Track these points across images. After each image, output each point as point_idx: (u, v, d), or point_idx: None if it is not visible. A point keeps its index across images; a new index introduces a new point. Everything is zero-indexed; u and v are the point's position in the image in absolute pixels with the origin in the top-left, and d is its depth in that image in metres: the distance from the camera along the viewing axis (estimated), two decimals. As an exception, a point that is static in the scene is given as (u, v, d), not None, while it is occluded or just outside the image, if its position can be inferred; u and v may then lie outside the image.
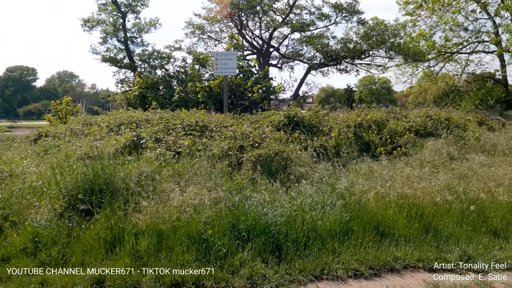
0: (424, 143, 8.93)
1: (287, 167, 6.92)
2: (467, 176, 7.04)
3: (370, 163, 7.61)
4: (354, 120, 9.42)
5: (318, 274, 4.20)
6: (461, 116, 12.71)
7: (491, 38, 24.19)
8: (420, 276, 4.31)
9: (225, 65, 11.49)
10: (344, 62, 25.24)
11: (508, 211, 5.76)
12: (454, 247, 4.83)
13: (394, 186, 6.29)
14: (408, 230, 5.12)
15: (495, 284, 4.10)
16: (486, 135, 10.28)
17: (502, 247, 4.99)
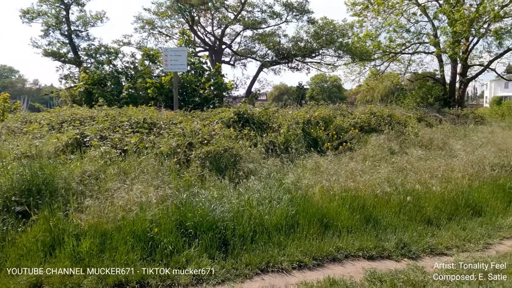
0: (367, 139, 9.37)
1: (236, 163, 6.97)
2: (406, 169, 7.49)
3: (317, 158, 7.85)
4: (303, 117, 9.68)
5: (264, 267, 4.29)
6: (403, 113, 13.48)
7: (430, 40, 25.71)
8: (360, 264, 4.54)
9: (175, 61, 11.31)
10: (295, 60, 25.76)
11: (441, 200, 6.21)
12: (392, 235, 5.14)
13: (338, 180, 6.55)
14: (350, 222, 5.36)
15: (426, 269, 4.41)
16: (424, 131, 10.99)
17: (434, 234, 5.39)
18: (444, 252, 4.92)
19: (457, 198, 6.37)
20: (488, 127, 15.56)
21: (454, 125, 14.72)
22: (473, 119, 17.30)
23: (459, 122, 16.14)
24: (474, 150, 9.19)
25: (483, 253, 4.89)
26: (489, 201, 6.58)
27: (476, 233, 5.44)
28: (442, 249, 4.97)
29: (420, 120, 13.38)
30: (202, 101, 14.94)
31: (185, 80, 15.32)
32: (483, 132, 13.23)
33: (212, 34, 25.50)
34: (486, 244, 5.19)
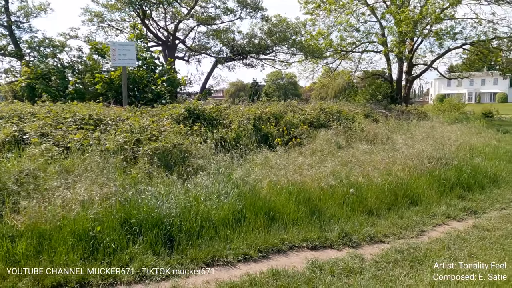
0: (316, 134, 9.66)
1: (185, 159, 6.94)
2: (351, 163, 7.82)
3: (267, 154, 7.99)
4: (254, 113, 9.79)
5: (209, 261, 4.33)
6: (351, 109, 14.01)
7: (378, 39, 26.89)
8: (303, 254, 4.70)
9: (124, 56, 10.98)
10: (249, 57, 25.89)
11: (381, 192, 6.55)
12: (335, 226, 5.36)
13: (286, 174, 6.71)
14: (296, 214, 5.52)
15: (365, 256, 4.65)
16: (370, 126, 11.49)
17: (375, 223, 5.69)
18: (382, 240, 5.21)
19: (396, 189, 6.75)
20: (430, 122, 16.54)
21: (398, 121, 15.52)
22: (416, 115, 18.32)
23: (403, 118, 17.03)
24: (415, 144, 9.75)
25: (417, 239, 5.23)
26: (426, 191, 7.03)
27: (412, 221, 5.80)
28: (380, 237, 5.26)
29: (367, 116, 13.97)
30: (155, 97, 14.61)
31: (136, 75, 14.91)
32: (424, 127, 14.06)
33: (165, 29, 24.97)
34: (421, 231, 5.56)
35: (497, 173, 8.53)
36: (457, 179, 7.59)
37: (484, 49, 25.00)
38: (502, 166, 9.10)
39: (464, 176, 7.71)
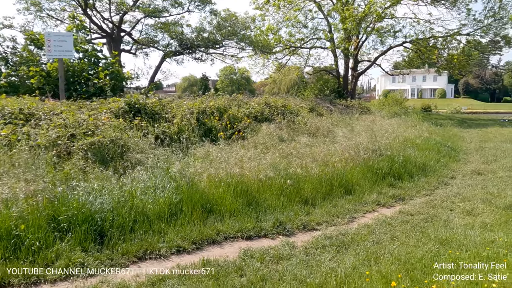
0: (260, 128, 9.81)
1: (123, 154, 6.78)
2: (291, 155, 8.04)
3: (210, 147, 8.00)
4: (198, 107, 9.74)
5: (141, 255, 4.30)
6: (296, 103, 14.35)
7: (325, 35, 27.67)
8: (238, 244, 4.80)
9: (60, 47, 10.44)
10: (199, 51, 25.63)
11: (318, 182, 6.82)
12: (270, 216, 5.52)
13: (226, 167, 6.77)
14: (234, 206, 5.62)
15: (297, 243, 4.84)
16: (313, 120, 11.86)
17: (309, 212, 5.92)
18: (315, 227, 5.44)
19: (332, 180, 7.05)
20: (371, 116, 17.35)
21: (342, 115, 16.15)
22: (359, 110, 19.13)
23: (347, 112, 17.73)
24: (354, 137, 10.21)
25: (347, 226, 5.52)
26: (360, 181, 7.41)
27: (345, 209, 6.11)
28: (314, 225, 5.50)
29: (312, 110, 14.40)
30: (98, 91, 14.06)
31: (76, 68, 14.24)
32: (365, 121, 14.74)
33: (109, 21, 24.03)
34: (352, 218, 5.87)
35: (426, 162, 9.18)
36: (389, 169, 8.07)
37: (422, 47, 26.58)
38: (430, 156, 9.80)
39: (396, 166, 8.22)
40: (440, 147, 11.18)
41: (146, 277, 3.82)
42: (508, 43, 24.42)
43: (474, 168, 9.25)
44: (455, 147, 12.19)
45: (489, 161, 10.02)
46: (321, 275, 3.74)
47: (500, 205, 6.18)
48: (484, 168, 9.21)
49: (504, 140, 14.03)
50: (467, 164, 9.96)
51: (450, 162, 9.94)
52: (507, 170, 8.81)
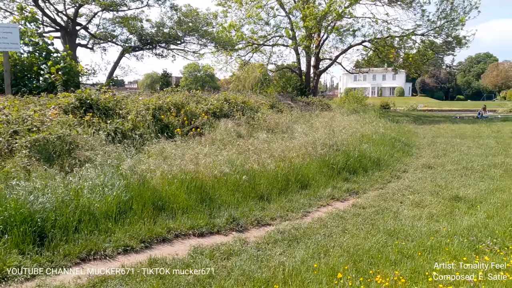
0: (219, 124, 9.70)
1: (71, 151, 6.47)
2: (248, 151, 7.99)
3: (166, 144, 7.81)
4: (155, 103, 9.49)
5: (85, 256, 4.10)
6: (257, 100, 14.35)
7: (287, 33, 27.89)
8: (189, 242, 4.69)
9: (4, 39, 9.80)
10: (159, 47, 25.06)
11: (274, 177, 6.82)
12: (224, 213, 5.44)
13: (181, 163, 6.62)
14: (187, 202, 5.50)
15: (249, 239, 4.81)
16: (273, 116, 11.90)
17: (264, 208, 5.90)
18: (269, 222, 5.43)
19: (289, 175, 7.08)
20: (331, 113, 17.68)
21: (302, 112, 16.34)
22: (320, 106, 19.45)
23: (307, 109, 17.96)
24: (312, 133, 10.33)
25: (301, 220, 5.55)
26: (316, 175, 7.50)
27: (299, 204, 6.14)
28: (268, 220, 5.48)
29: (273, 107, 14.45)
30: (49, 87, 13.37)
31: (26, 62, 13.49)
32: (324, 118, 14.98)
33: (64, 14, 22.95)
34: (306, 213, 5.92)
35: (380, 157, 9.44)
36: (345, 163, 8.23)
37: (380, 47, 27.40)
38: (385, 151, 10.09)
39: (351, 161, 8.38)
40: (394, 143, 11.55)
41: (87, 279, 3.64)
42: (459, 43, 25.67)
43: (425, 162, 9.62)
44: (409, 142, 12.65)
45: (439, 155, 10.46)
46: (269, 270, 3.71)
47: (446, 197, 6.44)
48: (434, 162, 9.60)
49: (454, 136, 14.73)
50: (419, 158, 10.35)
51: (403, 157, 10.28)
52: (455, 164, 9.22)
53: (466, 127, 18.12)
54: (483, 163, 9.19)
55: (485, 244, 4.32)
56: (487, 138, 13.62)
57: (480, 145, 12.12)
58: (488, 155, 10.22)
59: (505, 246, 4.27)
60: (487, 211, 5.60)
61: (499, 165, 8.90)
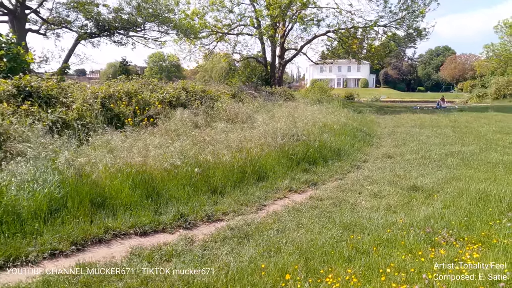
0: (174, 113, 9.19)
1: (2, 144, 5.81)
2: (204, 142, 7.57)
3: (114, 135, 7.24)
4: (104, 91, 8.83)
5: (2, 263, 3.57)
6: (218, 89, 13.87)
7: (251, 22, 27.37)
8: (129, 242, 4.25)
9: None
10: (118, 34, 23.86)
11: (229, 169, 6.46)
12: (172, 208, 5.03)
13: (128, 156, 6.12)
14: (131, 198, 5.04)
15: (198, 236, 4.43)
16: (233, 106, 11.49)
17: (217, 202, 5.53)
18: (220, 218, 5.07)
19: (245, 167, 6.74)
20: (295, 103, 17.49)
21: (266, 101, 16.03)
22: (284, 96, 19.22)
23: (271, 99, 17.67)
24: (273, 123, 10.03)
25: (255, 215, 5.22)
26: (274, 167, 7.20)
27: (255, 197, 5.82)
28: (219, 215, 5.12)
29: (234, 97, 14.03)
30: (-10, 74, 12.27)
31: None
32: (288, 108, 14.73)
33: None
34: (261, 206, 5.60)
35: (341, 147, 9.30)
36: (305, 154, 7.99)
37: (343, 37, 27.49)
38: (346, 141, 9.97)
39: (311, 151, 8.16)
40: (356, 132, 11.48)
41: (0, 291, 3.14)
42: (420, 35, 26.17)
43: (385, 151, 9.57)
44: (370, 132, 12.65)
45: (399, 145, 10.47)
46: (211, 273, 3.35)
47: (404, 187, 6.33)
48: (394, 151, 9.56)
49: (414, 125, 14.93)
50: (379, 148, 10.31)
51: (364, 147, 10.21)
52: (414, 153, 9.22)
53: (425, 117, 18.48)
54: (441, 152, 9.24)
55: (441, 235, 4.16)
56: (444, 128, 13.87)
57: (438, 134, 12.29)
58: (446, 144, 10.33)
59: (461, 237, 4.13)
60: (444, 200, 5.51)
61: (456, 154, 8.97)
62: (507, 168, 7.45)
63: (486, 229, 4.35)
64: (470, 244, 3.95)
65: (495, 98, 36.52)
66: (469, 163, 8.02)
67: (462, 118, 17.52)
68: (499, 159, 8.22)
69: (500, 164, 7.79)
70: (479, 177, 6.75)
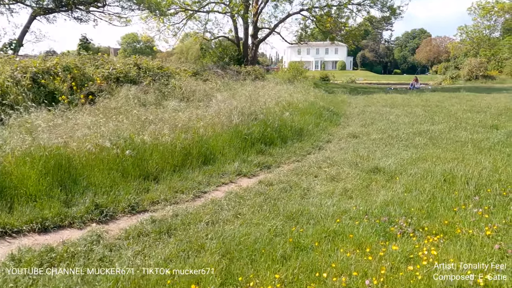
0: (120, 90, 8.26)
1: None
2: (147, 121, 6.72)
3: (43, 114, 6.29)
4: (37, 65, 7.79)
5: None
6: (179, 67, 12.92)
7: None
8: (18, 242, 3.44)
9: None
10: (77, 9, 22.24)
11: (170, 152, 5.68)
12: (87, 198, 4.22)
13: (50, 138, 5.22)
14: (38, 187, 4.20)
15: (110, 232, 3.67)
16: (189, 84, 10.60)
17: (149, 189, 4.77)
18: (147, 208, 4.32)
19: (191, 148, 5.98)
20: (265, 83, 16.71)
21: (234, 81, 15.18)
22: (253, 76, 18.37)
23: (240, 78, 16.82)
24: (232, 101, 9.23)
25: (190, 204, 4.50)
26: (225, 148, 6.47)
27: (195, 183, 5.08)
28: (146, 205, 4.37)
29: (196, 75, 13.11)
30: None
31: None
32: (255, 87, 13.95)
33: (-44, -35, 19.36)
34: (200, 193, 4.87)
35: (304, 127, 8.62)
36: (261, 134, 7.25)
37: (317, 15, 26.65)
38: (310, 120, 9.30)
39: (268, 131, 7.44)
40: (322, 112, 10.82)
41: None
42: (394, 13, 25.62)
43: (352, 131, 8.96)
44: (338, 111, 12.02)
45: (367, 124, 9.89)
46: (100, 286, 2.60)
47: (365, 169, 5.70)
48: (360, 131, 8.96)
49: (385, 105, 14.42)
50: (346, 127, 9.70)
51: (330, 126, 9.57)
52: (381, 132, 8.65)
53: (398, 97, 18.04)
54: (409, 131, 8.70)
55: (398, 225, 3.54)
56: (415, 107, 13.39)
57: (408, 113, 11.79)
58: (415, 123, 9.81)
59: (420, 227, 3.52)
60: (406, 183, 4.90)
61: (424, 133, 8.44)
62: (476, 147, 6.94)
63: (450, 216, 3.76)
64: (430, 235, 3.34)
65: (468, 79, 36.74)
66: (437, 142, 7.49)
67: (434, 98, 17.15)
68: (468, 138, 7.73)
69: (469, 143, 7.28)
70: (446, 157, 6.19)
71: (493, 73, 39.79)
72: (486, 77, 37.17)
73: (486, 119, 10.39)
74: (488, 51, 45.95)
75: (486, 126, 9.25)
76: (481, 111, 11.86)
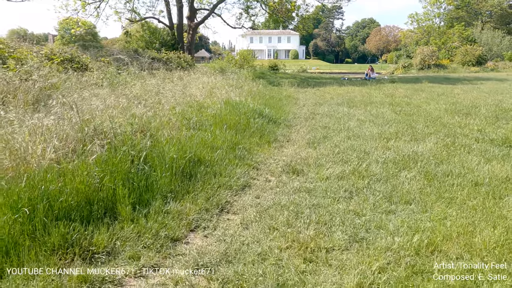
0: None
1: None
2: None
3: None
4: None
5: None
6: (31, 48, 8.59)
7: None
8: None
9: None
10: None
11: None
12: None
13: None
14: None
15: None
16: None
17: None
18: None
19: None
20: (190, 73, 12.80)
21: (144, 71, 11.10)
22: (177, 64, 14.30)
23: (155, 68, 12.73)
24: (82, 107, 5.22)
25: None
26: None
27: None
28: None
29: (71, 61, 8.85)
30: None
31: None
32: (167, 79, 10.02)
33: None
34: None
35: (204, 156, 4.77)
36: (81, 199, 3.33)
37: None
38: (223, 138, 5.49)
39: (104, 183, 3.51)
40: (251, 119, 7.02)
41: None
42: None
43: (292, 158, 5.28)
44: (277, 116, 8.27)
45: (317, 141, 6.25)
46: None
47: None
48: (306, 156, 5.30)
49: (341, 102, 10.93)
50: (283, 148, 6.00)
51: (256, 148, 5.79)
52: (340, 161, 5.02)
53: (355, 90, 14.77)
54: (384, 156, 5.18)
55: None
56: (381, 106, 10.01)
57: (374, 117, 8.36)
58: (389, 138, 6.34)
59: None
60: None
61: (410, 159, 4.96)
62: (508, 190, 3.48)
63: None
64: None
65: (420, 68, 34.99)
66: (440, 186, 3.99)
67: (398, 91, 13.97)
68: (487, 172, 4.31)
69: (493, 182, 3.83)
70: (468, 230, 2.65)
71: (445, 62, 38.58)
72: (438, 66, 35.79)
73: (484, 126, 7.19)
74: (438, 39, 44.86)
75: (495, 141, 6.00)
76: (468, 113, 8.68)
